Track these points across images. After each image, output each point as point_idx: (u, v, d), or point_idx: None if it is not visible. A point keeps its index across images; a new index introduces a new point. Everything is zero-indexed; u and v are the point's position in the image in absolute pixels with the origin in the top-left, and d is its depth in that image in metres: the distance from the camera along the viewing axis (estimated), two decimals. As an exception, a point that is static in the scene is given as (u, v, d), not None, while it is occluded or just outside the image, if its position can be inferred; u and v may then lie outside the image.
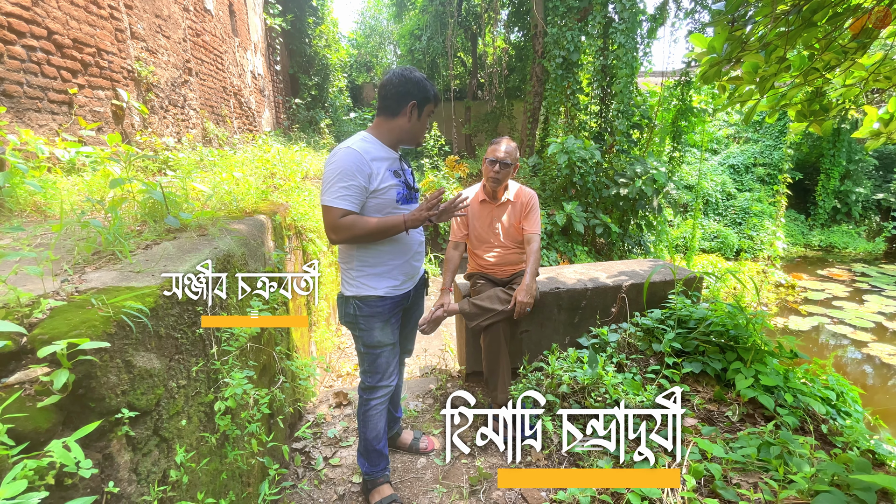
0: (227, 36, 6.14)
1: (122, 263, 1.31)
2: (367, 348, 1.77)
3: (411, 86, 1.63)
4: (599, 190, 7.34)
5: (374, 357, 1.78)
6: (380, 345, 1.75)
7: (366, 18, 17.57)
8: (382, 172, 1.62)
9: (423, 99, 1.65)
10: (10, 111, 2.39)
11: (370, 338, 1.74)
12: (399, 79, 1.63)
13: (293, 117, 9.02)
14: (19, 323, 0.93)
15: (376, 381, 1.81)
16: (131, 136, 3.53)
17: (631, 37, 7.63)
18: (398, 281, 1.74)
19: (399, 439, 2.24)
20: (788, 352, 2.26)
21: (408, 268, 1.77)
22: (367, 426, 1.86)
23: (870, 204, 12.94)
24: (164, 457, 1.14)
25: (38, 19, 2.59)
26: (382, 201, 1.64)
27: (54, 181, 2.05)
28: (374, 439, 1.88)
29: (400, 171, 1.71)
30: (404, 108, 1.64)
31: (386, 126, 1.68)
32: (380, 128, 1.69)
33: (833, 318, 7.31)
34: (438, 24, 11.29)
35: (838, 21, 1.59)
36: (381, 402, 1.85)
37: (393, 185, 1.65)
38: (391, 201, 1.65)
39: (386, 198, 1.64)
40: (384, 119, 1.68)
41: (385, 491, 1.90)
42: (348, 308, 1.73)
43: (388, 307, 1.73)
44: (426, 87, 1.66)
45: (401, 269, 1.74)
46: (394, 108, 1.65)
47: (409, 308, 1.94)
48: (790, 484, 1.45)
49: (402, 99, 1.63)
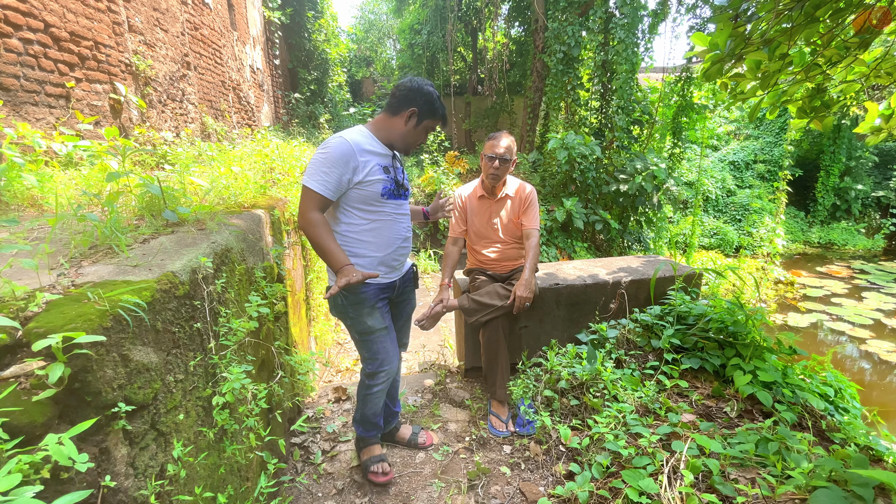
0: (226, 30, 6.10)
1: (119, 257, 1.31)
2: (360, 335, 1.84)
3: (419, 95, 1.69)
4: (599, 186, 7.33)
5: (370, 343, 1.84)
6: (371, 330, 1.81)
7: (365, 13, 17.48)
8: (371, 166, 1.67)
9: (425, 111, 1.71)
10: (6, 105, 2.37)
11: (360, 324, 1.80)
12: (411, 84, 1.70)
13: (292, 112, 8.98)
14: (14, 317, 0.93)
15: (376, 366, 1.87)
16: (129, 130, 3.51)
17: (632, 32, 7.59)
18: (381, 271, 1.80)
19: (398, 434, 2.26)
20: (787, 348, 2.26)
21: (390, 260, 1.82)
22: (366, 405, 1.96)
23: (869, 201, 12.93)
24: (161, 451, 1.14)
25: (34, 12, 2.57)
26: (368, 193, 1.69)
27: (51, 175, 2.03)
28: (371, 415, 1.99)
29: (390, 168, 1.76)
30: (404, 111, 1.70)
31: (384, 123, 1.74)
32: (378, 123, 1.75)
33: (832, 315, 7.32)
34: (438, 18, 11.23)
35: (841, 17, 1.58)
36: (383, 386, 1.92)
37: (380, 179, 1.70)
38: (376, 195, 1.70)
39: (371, 190, 1.69)
40: (385, 116, 1.74)
41: (375, 450, 2.04)
42: (335, 299, 1.78)
43: (371, 293, 1.78)
44: (433, 102, 1.71)
45: (382, 261, 1.80)
46: (396, 107, 1.71)
47: (400, 302, 2.00)
48: (788, 479, 1.46)
49: (405, 102, 1.69)
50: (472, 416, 2.45)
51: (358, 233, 1.74)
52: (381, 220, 1.76)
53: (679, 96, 8.51)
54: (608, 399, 2.08)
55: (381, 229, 1.76)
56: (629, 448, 1.73)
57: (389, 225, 1.79)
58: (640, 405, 2.03)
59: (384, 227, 1.77)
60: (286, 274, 2.50)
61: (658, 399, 2.04)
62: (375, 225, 1.75)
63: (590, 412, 2.08)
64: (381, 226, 1.77)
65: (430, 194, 7.51)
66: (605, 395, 2.10)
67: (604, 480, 1.70)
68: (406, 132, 1.73)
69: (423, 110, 1.70)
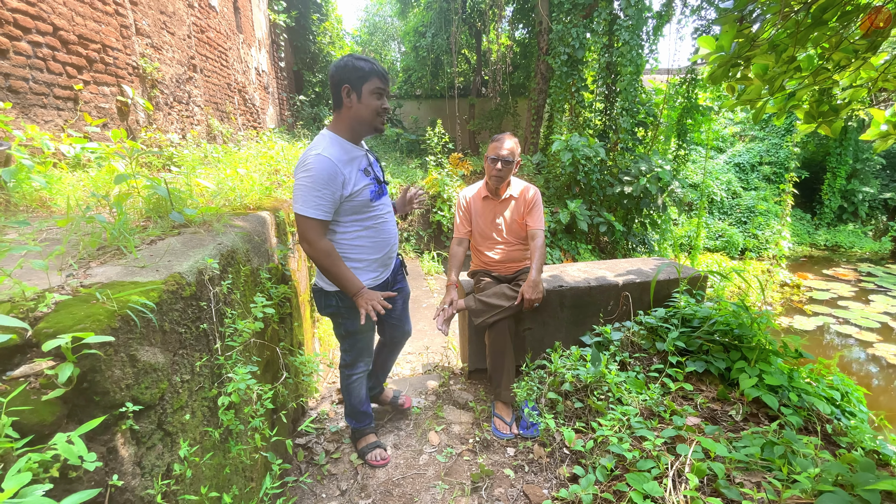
0: (232, 32, 6.14)
1: (127, 258, 1.32)
2: (348, 334, 1.94)
3: (341, 72, 1.61)
4: (603, 188, 7.31)
5: (355, 341, 1.96)
6: (360, 331, 1.92)
7: (370, 15, 17.54)
8: (354, 175, 1.69)
9: (356, 79, 1.61)
10: (15, 107, 2.40)
11: (352, 325, 1.89)
12: (332, 70, 1.64)
13: (297, 114, 9.02)
14: (23, 317, 0.94)
15: (355, 358, 2.01)
16: (136, 132, 3.54)
17: (636, 34, 7.58)
18: (377, 273, 1.90)
19: (381, 397, 2.45)
20: (793, 351, 2.25)
21: (384, 260, 1.92)
22: (350, 395, 2.10)
23: (877, 203, 12.83)
24: (167, 451, 1.15)
25: (43, 15, 2.60)
26: (358, 203, 1.72)
27: (60, 177, 2.06)
28: (357, 404, 2.12)
29: (369, 168, 1.78)
30: (342, 95, 1.64)
31: (338, 120, 1.71)
32: (336, 124, 1.72)
33: (838, 318, 7.27)
34: (443, 20, 11.26)
35: (848, 19, 1.57)
36: (360, 376, 2.07)
37: (366, 185, 1.73)
38: (366, 201, 1.74)
39: (361, 199, 1.72)
40: (336, 114, 1.72)
41: (370, 438, 2.15)
42: (329, 300, 1.85)
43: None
44: (358, 65, 1.60)
45: (379, 262, 1.89)
46: (337, 99, 1.67)
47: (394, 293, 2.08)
48: (794, 484, 1.45)
49: (337, 88, 1.64)
50: (476, 418, 2.45)
51: (353, 239, 1.79)
52: (373, 223, 1.82)
53: (684, 98, 8.49)
54: (612, 402, 2.07)
55: (374, 232, 1.82)
56: (633, 451, 1.73)
57: (381, 225, 1.85)
58: (644, 408, 2.02)
59: (377, 229, 1.83)
60: (291, 275, 2.51)
61: (663, 402, 2.03)
62: (369, 231, 1.81)
63: (594, 415, 2.07)
64: (374, 228, 1.83)
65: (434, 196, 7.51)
66: (610, 398, 2.09)
67: (608, 483, 1.70)
68: (357, 111, 1.66)
69: (353, 79, 1.61)
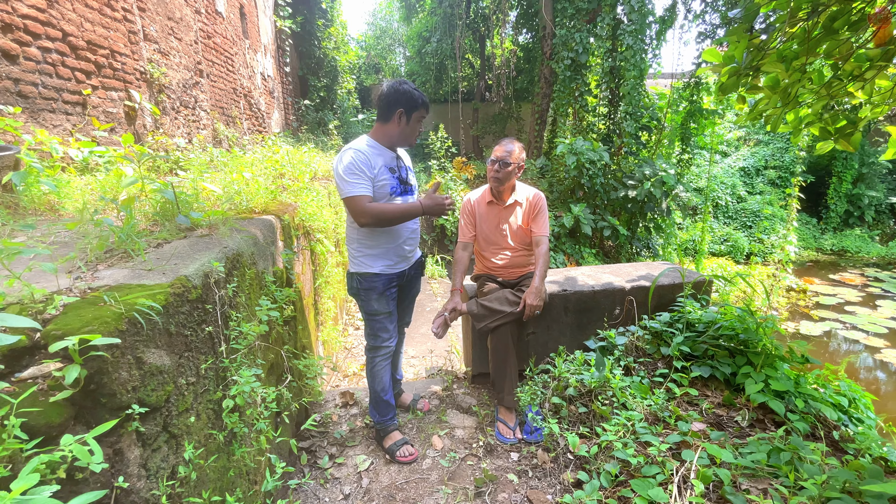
0: (238, 38, 6.20)
1: (135, 261, 1.33)
2: (367, 315, 2.14)
3: (399, 96, 1.90)
4: (607, 192, 7.30)
5: (374, 322, 2.14)
6: (377, 313, 2.11)
7: (377, 20, 17.66)
8: (379, 167, 1.94)
9: (410, 107, 1.93)
10: (25, 111, 2.43)
11: (369, 307, 2.10)
12: (389, 90, 1.92)
13: (302, 119, 9.07)
14: (33, 319, 0.95)
15: (378, 342, 2.16)
16: (143, 136, 3.57)
17: (640, 38, 7.59)
18: (392, 261, 2.09)
19: (400, 399, 2.61)
20: (799, 356, 2.23)
21: (400, 250, 2.10)
22: (374, 380, 2.21)
23: (883, 208, 12.71)
24: (172, 453, 1.15)
25: (53, 21, 2.64)
26: (379, 193, 1.96)
27: (68, 180, 2.08)
28: (381, 391, 2.22)
29: (395, 168, 2.02)
30: (394, 114, 1.92)
31: (381, 130, 1.99)
32: (377, 132, 2.00)
33: (845, 324, 7.20)
34: (447, 25, 11.32)
35: (857, 28, 1.55)
36: (384, 359, 2.20)
37: (387, 179, 1.96)
38: (385, 194, 1.97)
39: (382, 190, 1.96)
40: (380, 124, 1.99)
41: (396, 436, 2.26)
42: (352, 282, 2.11)
43: (382, 282, 2.07)
44: (413, 96, 1.92)
45: (394, 251, 2.08)
46: (386, 115, 1.94)
47: (406, 286, 2.26)
48: (801, 490, 1.43)
49: (392, 107, 1.92)
50: (480, 423, 2.44)
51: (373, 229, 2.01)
52: None
53: (688, 102, 8.48)
54: (617, 407, 2.06)
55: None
56: (638, 457, 1.72)
57: None
58: (649, 413, 2.01)
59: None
60: (295, 278, 2.52)
61: (667, 407, 2.02)
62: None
63: (598, 420, 2.06)
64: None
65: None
66: (614, 403, 2.08)
67: (612, 489, 1.69)
68: (401, 131, 1.96)
69: (408, 107, 1.92)
